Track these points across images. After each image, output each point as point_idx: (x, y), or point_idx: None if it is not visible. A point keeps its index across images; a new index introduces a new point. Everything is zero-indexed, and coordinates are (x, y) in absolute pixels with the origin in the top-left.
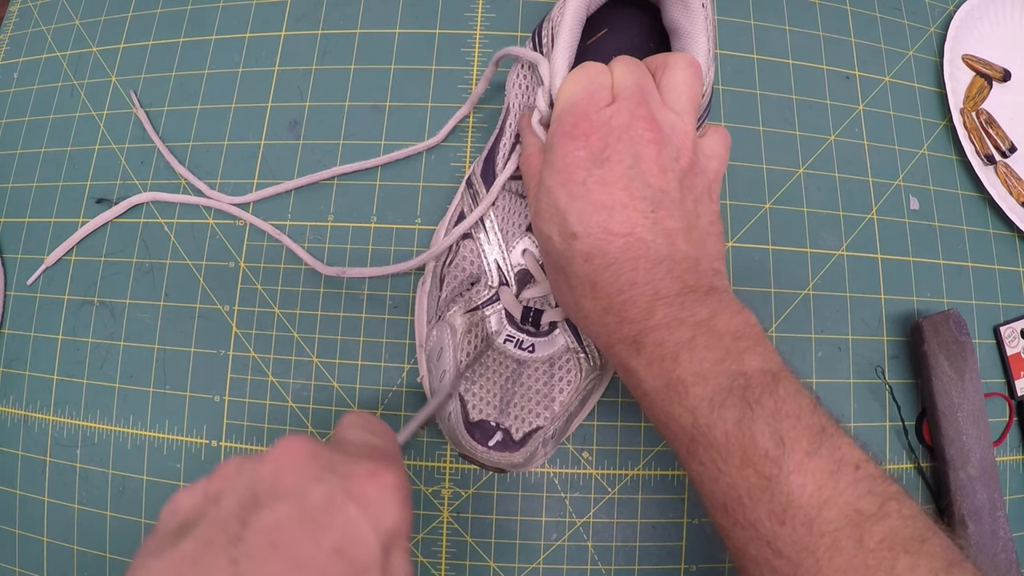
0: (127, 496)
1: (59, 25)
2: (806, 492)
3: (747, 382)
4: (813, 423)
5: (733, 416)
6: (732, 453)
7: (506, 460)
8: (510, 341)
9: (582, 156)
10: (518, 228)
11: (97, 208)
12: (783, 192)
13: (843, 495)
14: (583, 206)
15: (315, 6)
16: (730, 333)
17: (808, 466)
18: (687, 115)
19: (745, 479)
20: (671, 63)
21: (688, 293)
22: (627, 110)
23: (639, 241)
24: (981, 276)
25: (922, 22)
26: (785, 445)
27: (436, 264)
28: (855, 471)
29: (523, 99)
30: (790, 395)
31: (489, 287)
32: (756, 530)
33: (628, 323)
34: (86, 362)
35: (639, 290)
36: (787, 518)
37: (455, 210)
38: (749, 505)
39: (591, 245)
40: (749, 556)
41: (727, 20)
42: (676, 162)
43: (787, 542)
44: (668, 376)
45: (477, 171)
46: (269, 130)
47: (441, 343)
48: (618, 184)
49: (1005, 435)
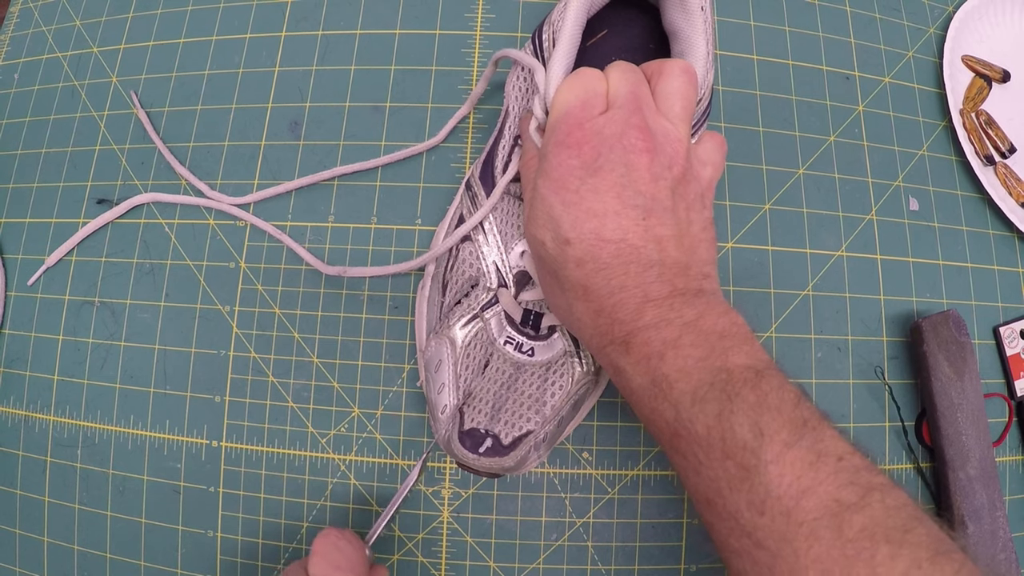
0: (127, 496)
1: (60, 26)
2: (784, 482)
3: (729, 377)
4: (795, 416)
5: (714, 409)
6: (713, 446)
7: (497, 465)
8: (510, 343)
9: (575, 165)
10: (516, 230)
11: (98, 209)
12: (783, 193)
13: (823, 485)
14: (576, 213)
15: (315, 7)
16: (716, 332)
17: (787, 457)
18: (681, 123)
19: (725, 471)
20: (667, 70)
21: (677, 296)
22: (621, 119)
23: (630, 247)
24: (981, 277)
25: (921, 23)
26: (764, 436)
27: (438, 270)
28: (837, 462)
29: (521, 102)
30: (773, 389)
31: (488, 289)
32: (737, 521)
33: (618, 324)
34: (86, 362)
35: (629, 293)
36: (766, 508)
37: (454, 212)
38: (729, 496)
39: (583, 251)
40: (731, 548)
41: (727, 20)
42: (669, 170)
43: (767, 532)
44: (654, 373)
45: (476, 174)
46: (269, 131)
47: (440, 356)
48: (610, 192)
49: (1005, 435)
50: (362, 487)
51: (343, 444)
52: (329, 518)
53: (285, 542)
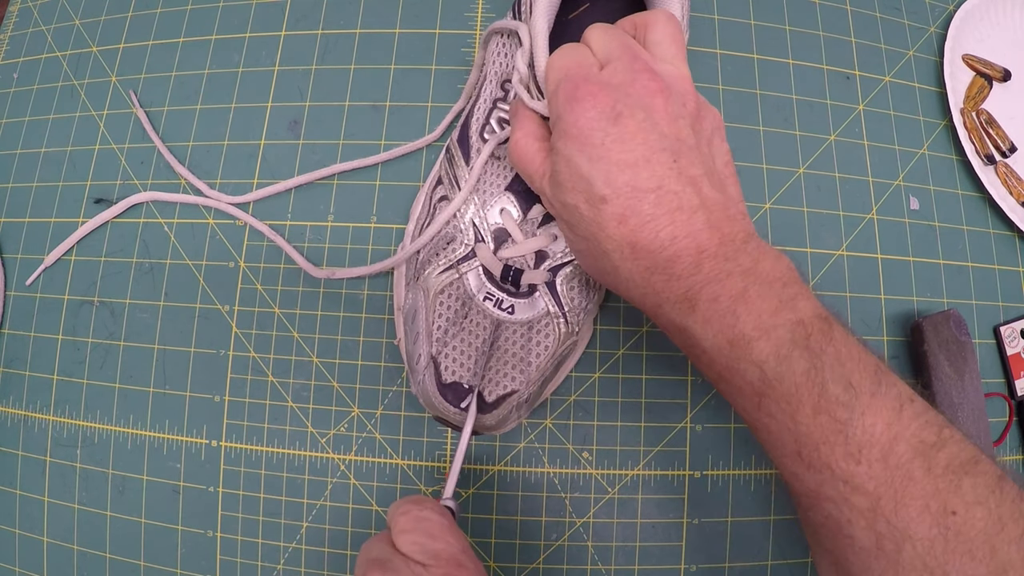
0: (127, 496)
1: (59, 25)
2: (877, 431)
3: (807, 331)
4: (869, 364)
5: (801, 367)
6: (803, 402)
7: (477, 423)
8: (489, 299)
9: (594, 116)
10: (496, 188)
11: (96, 208)
12: (783, 192)
13: (908, 428)
14: (607, 167)
15: (315, 6)
16: (778, 280)
17: (875, 406)
18: (680, 62)
19: (819, 426)
20: (651, 20)
21: (728, 243)
22: (624, 67)
23: (670, 193)
24: (981, 276)
25: (922, 22)
26: (855, 389)
27: (414, 227)
28: (912, 405)
29: (502, 66)
30: (844, 339)
31: (465, 244)
32: (832, 471)
33: (676, 280)
34: (86, 362)
35: (681, 244)
36: (862, 457)
37: (434, 176)
38: (825, 450)
39: (623, 206)
40: (824, 495)
41: (727, 20)
42: (684, 108)
43: (865, 478)
44: (729, 333)
45: (454, 137)
46: (269, 130)
47: (415, 305)
48: (636, 139)
49: (1005, 435)
50: (362, 487)
51: (343, 444)
52: (329, 518)
53: (285, 542)
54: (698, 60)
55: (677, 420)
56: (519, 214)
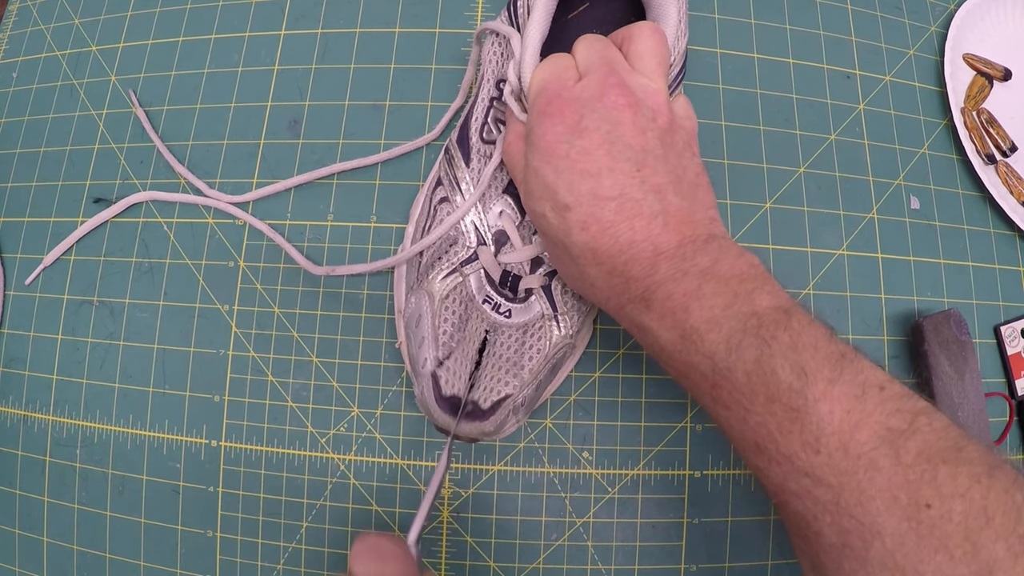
0: (127, 496)
1: (58, 24)
2: (835, 418)
3: (760, 321)
4: (832, 351)
5: (751, 355)
6: (756, 391)
7: (477, 430)
8: (488, 303)
9: (560, 131)
10: (494, 191)
11: (96, 207)
12: (783, 191)
13: (872, 415)
14: (570, 177)
15: (315, 5)
16: (736, 276)
17: (833, 392)
18: (657, 77)
19: (773, 415)
20: (635, 33)
21: (687, 244)
22: (596, 81)
23: (631, 200)
24: (982, 276)
25: (923, 21)
26: (807, 375)
27: (415, 230)
28: (880, 392)
29: (497, 65)
30: (804, 328)
31: (467, 247)
32: (792, 463)
33: (634, 282)
34: (85, 362)
35: (639, 248)
36: (821, 446)
37: (434, 177)
38: (781, 440)
39: (585, 213)
40: (789, 491)
41: (727, 19)
42: (654, 121)
43: (826, 470)
44: (681, 327)
45: (453, 138)
46: (269, 129)
47: (419, 310)
48: (600, 150)
49: (1005, 435)
50: (361, 487)
51: (343, 444)
52: (329, 518)
53: (285, 542)
54: (698, 59)
55: (677, 420)
56: (518, 216)
